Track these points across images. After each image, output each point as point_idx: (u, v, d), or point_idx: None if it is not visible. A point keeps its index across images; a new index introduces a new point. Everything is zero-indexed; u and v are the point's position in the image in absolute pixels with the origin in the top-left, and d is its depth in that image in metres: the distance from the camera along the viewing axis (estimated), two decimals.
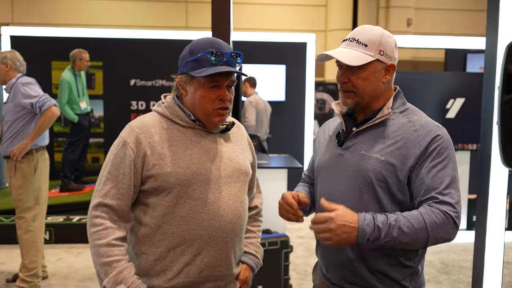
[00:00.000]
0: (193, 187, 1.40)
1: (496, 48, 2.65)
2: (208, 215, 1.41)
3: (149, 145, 1.39)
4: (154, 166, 1.38)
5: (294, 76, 6.58)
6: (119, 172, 1.39)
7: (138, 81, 6.09)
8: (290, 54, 6.50)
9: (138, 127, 1.42)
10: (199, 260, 1.42)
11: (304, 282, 3.68)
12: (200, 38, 1.44)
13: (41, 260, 3.48)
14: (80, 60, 5.12)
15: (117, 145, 1.43)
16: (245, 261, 1.59)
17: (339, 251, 1.44)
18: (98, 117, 6.11)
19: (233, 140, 1.54)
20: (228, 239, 1.44)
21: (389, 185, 1.37)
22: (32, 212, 3.35)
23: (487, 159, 2.63)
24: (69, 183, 5.26)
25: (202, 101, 1.42)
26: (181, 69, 1.43)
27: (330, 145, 1.53)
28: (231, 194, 1.45)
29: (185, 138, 1.44)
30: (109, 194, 1.39)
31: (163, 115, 1.47)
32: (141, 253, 1.44)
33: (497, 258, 2.65)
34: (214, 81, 1.40)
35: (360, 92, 1.42)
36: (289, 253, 3.33)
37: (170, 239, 1.40)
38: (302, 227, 5.19)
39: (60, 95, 5.04)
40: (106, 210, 1.39)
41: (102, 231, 1.37)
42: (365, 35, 1.42)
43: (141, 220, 1.44)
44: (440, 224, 1.28)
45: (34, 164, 3.29)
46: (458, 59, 6.45)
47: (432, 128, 1.38)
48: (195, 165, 1.41)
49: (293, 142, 6.56)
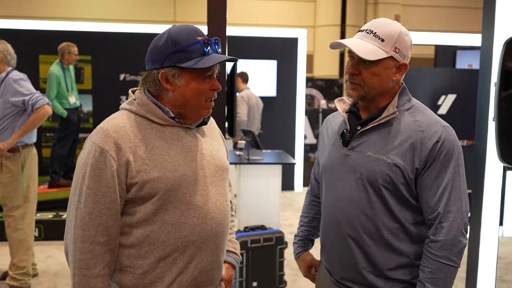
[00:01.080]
0: (182, 190, 1.29)
1: (492, 45, 2.66)
2: (199, 219, 1.32)
3: (130, 150, 1.25)
4: (139, 173, 1.25)
5: (285, 72, 6.56)
6: (100, 184, 1.24)
7: (128, 76, 6.01)
8: (281, 49, 6.48)
9: (115, 131, 1.26)
10: (192, 267, 1.33)
11: (298, 278, 3.68)
12: (177, 27, 1.31)
13: (31, 258, 3.42)
14: (69, 54, 5.02)
15: (92, 154, 1.25)
16: (227, 260, 1.53)
17: (345, 252, 1.43)
18: (87, 112, 6.02)
19: (208, 134, 1.44)
20: (218, 241, 1.37)
21: (396, 187, 1.36)
22: (21, 210, 3.28)
23: (482, 155, 2.65)
24: (58, 179, 5.18)
25: (195, 94, 1.30)
26: (162, 62, 1.29)
27: (335, 144, 1.50)
28: (218, 194, 1.38)
29: (165, 137, 1.31)
30: (99, 230, 1.24)
31: (137, 114, 1.32)
32: (125, 268, 1.30)
33: (491, 253, 2.67)
34: (208, 71, 1.30)
35: (368, 87, 1.39)
36: (284, 249, 3.33)
37: (160, 249, 1.29)
38: (295, 223, 5.20)
39: (49, 89, 4.95)
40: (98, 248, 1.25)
41: (90, 260, 1.25)
42: (383, 29, 1.37)
43: (124, 231, 1.30)
44: (447, 273, 1.33)
45: (21, 161, 3.22)
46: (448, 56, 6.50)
47: (438, 129, 1.35)
48: (182, 167, 1.30)
49: (284, 137, 6.56)
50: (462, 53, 6.41)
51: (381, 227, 1.38)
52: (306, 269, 1.71)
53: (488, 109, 2.74)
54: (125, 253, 1.30)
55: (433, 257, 1.33)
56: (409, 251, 1.39)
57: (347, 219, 1.42)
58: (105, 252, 1.27)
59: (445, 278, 1.32)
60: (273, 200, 3.49)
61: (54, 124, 5.58)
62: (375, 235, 1.39)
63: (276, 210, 3.52)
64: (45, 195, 4.88)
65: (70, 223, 1.28)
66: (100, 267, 1.26)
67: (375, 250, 1.39)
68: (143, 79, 1.36)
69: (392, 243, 1.38)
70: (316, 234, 1.72)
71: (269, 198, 3.48)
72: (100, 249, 1.26)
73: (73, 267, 1.27)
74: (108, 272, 1.29)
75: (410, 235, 1.39)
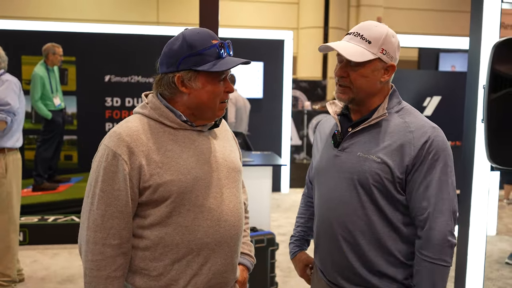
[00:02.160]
0: (195, 193, 1.31)
1: (480, 48, 2.72)
2: (213, 222, 1.33)
3: (143, 154, 1.27)
4: (152, 176, 1.27)
5: (272, 73, 6.58)
6: (113, 188, 1.26)
7: (113, 77, 5.95)
8: (268, 51, 6.50)
9: (128, 135, 1.28)
10: (206, 270, 1.34)
11: (288, 280, 3.69)
12: (192, 31, 1.33)
13: (17, 264, 3.35)
14: (54, 55, 4.94)
15: (105, 157, 1.27)
16: (242, 262, 1.54)
17: (338, 252, 1.45)
18: (71, 113, 5.94)
19: (220, 136, 1.46)
20: (232, 243, 1.38)
21: (386, 187, 1.37)
22: (4, 215, 3.20)
23: (470, 156, 2.70)
24: (42, 182, 5.09)
25: (211, 96, 1.33)
26: (177, 65, 1.31)
27: (327, 146, 1.52)
28: (231, 196, 1.39)
29: (178, 141, 1.34)
30: (110, 233, 1.27)
31: (150, 118, 1.34)
32: (140, 270, 1.32)
33: (479, 252, 2.73)
34: (223, 74, 1.33)
35: (356, 88, 1.41)
36: (275, 251, 3.33)
37: (175, 251, 1.30)
38: (283, 224, 5.21)
39: (33, 90, 4.86)
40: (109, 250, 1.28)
41: (101, 261, 1.27)
42: (370, 31, 1.40)
43: (138, 234, 1.32)
44: (441, 273, 1.35)
45: (4, 165, 3.14)
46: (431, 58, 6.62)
47: (427, 130, 1.37)
48: (194, 170, 1.32)
49: (271, 139, 6.57)
50: (445, 56, 6.54)
51: (372, 226, 1.39)
52: (302, 269, 1.71)
53: (476, 111, 2.79)
54: (140, 256, 1.32)
55: (426, 258, 1.35)
56: (400, 251, 1.41)
57: (339, 219, 1.44)
58: (117, 255, 1.28)
59: (440, 279, 1.34)
60: (264, 201, 3.50)
61: (38, 126, 5.49)
62: (367, 234, 1.40)
63: (267, 212, 3.53)
64: (29, 198, 4.79)
65: (83, 225, 1.30)
66: (111, 269, 1.27)
67: (368, 249, 1.40)
68: (156, 82, 1.37)
69: (384, 243, 1.40)
70: (312, 235, 1.74)
71: (260, 199, 3.49)
72: (111, 251, 1.27)
73: (84, 268, 1.29)
74: (121, 274, 1.30)
75: (401, 235, 1.41)
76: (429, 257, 1.35)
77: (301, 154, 8.65)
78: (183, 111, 1.35)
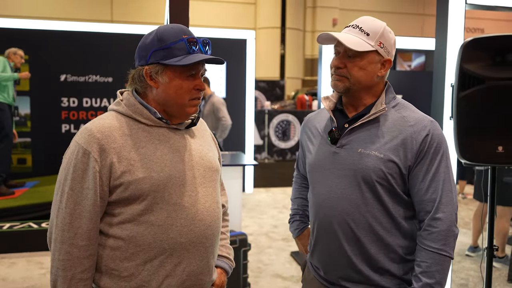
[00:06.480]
0: (168, 191, 1.27)
1: (445, 48, 2.81)
2: (187, 221, 1.29)
3: (115, 151, 1.24)
4: (124, 173, 1.24)
5: (234, 73, 6.54)
6: (82, 186, 1.23)
7: (70, 76, 5.69)
8: (230, 50, 6.45)
9: (99, 131, 1.25)
10: (180, 271, 1.30)
11: (259, 280, 3.67)
12: (166, 26, 1.32)
13: None
14: (14, 54, 4.80)
15: (75, 154, 1.24)
16: (220, 265, 1.50)
17: (339, 251, 1.44)
18: (24, 115, 5.63)
19: (198, 135, 1.44)
20: (208, 244, 1.34)
21: (390, 182, 1.38)
22: None
23: None
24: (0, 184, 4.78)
25: (178, 91, 1.30)
26: (147, 59, 1.29)
27: (323, 142, 1.50)
28: (207, 195, 1.36)
29: (152, 138, 1.30)
30: (78, 232, 1.24)
31: (124, 115, 1.32)
32: (110, 270, 1.28)
33: None
34: (191, 70, 1.30)
35: (353, 79, 1.41)
36: (248, 251, 3.30)
37: (147, 251, 1.26)
38: (250, 225, 5.19)
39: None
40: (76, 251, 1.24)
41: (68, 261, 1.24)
42: (368, 24, 1.42)
43: (108, 233, 1.28)
44: (443, 264, 1.35)
45: None
46: None
47: (427, 124, 1.40)
48: (168, 167, 1.29)
49: (234, 139, 6.53)
50: None
51: (374, 222, 1.40)
52: (308, 245, 1.68)
53: (443, 109, 2.89)
54: (109, 255, 1.28)
55: (430, 248, 1.36)
56: (401, 246, 1.42)
57: (340, 216, 1.42)
58: (84, 257, 1.25)
59: (441, 270, 1.35)
60: (235, 202, 3.46)
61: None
62: (368, 231, 1.40)
63: (238, 212, 3.50)
64: None
65: (52, 222, 1.28)
66: (77, 271, 1.24)
67: (370, 246, 1.40)
68: (131, 77, 1.35)
69: (385, 239, 1.40)
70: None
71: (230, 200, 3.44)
72: (78, 252, 1.24)
73: (51, 266, 1.27)
74: (88, 276, 1.27)
75: (402, 230, 1.42)
76: (433, 247, 1.35)
77: (263, 154, 8.66)
78: (155, 107, 1.33)
